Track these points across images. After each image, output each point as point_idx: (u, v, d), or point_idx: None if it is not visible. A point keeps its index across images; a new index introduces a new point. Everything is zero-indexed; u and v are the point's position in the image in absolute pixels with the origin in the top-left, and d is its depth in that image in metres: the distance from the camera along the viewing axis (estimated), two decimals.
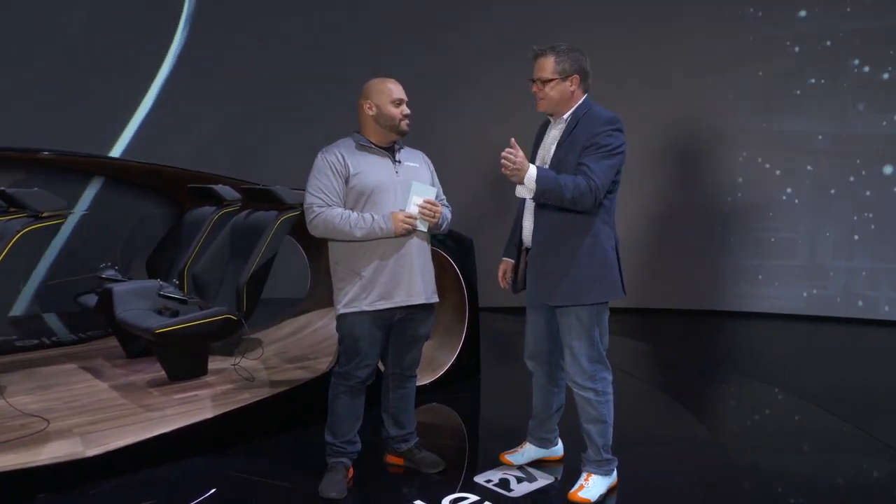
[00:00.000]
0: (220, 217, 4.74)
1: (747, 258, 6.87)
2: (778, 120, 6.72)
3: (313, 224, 2.79)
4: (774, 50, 6.66)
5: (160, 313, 3.95)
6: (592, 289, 2.77)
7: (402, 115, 2.85)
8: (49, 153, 4.78)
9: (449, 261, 4.25)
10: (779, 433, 3.84)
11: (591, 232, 2.76)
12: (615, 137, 2.72)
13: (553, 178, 2.66)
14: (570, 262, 2.76)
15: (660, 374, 5.20)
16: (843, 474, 3.32)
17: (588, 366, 2.82)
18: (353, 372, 2.89)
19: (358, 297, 2.81)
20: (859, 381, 4.85)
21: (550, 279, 2.81)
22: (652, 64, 6.78)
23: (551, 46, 2.81)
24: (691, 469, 3.24)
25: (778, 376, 4.83)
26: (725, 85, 6.78)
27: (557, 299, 2.80)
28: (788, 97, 6.68)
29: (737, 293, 6.91)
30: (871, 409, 4.13)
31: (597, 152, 2.69)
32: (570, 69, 2.77)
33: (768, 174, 6.77)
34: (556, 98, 2.81)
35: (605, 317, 2.86)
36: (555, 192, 2.65)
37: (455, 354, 4.37)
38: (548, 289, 2.82)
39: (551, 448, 3.25)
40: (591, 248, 2.76)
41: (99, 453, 2.97)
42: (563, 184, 2.65)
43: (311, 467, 3.09)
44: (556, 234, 2.78)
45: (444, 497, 2.90)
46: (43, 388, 3.85)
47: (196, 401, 3.61)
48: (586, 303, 2.77)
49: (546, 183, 2.64)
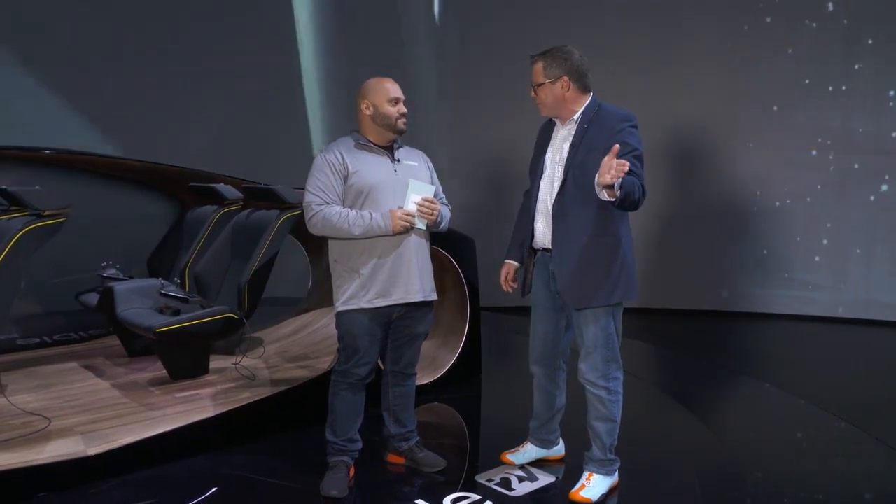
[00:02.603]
0: (221, 216, 4.74)
1: (756, 258, 6.79)
2: (789, 115, 6.59)
3: (312, 222, 2.79)
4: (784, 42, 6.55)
5: (161, 312, 3.95)
6: (615, 290, 2.77)
7: (398, 113, 2.85)
8: (50, 151, 4.79)
9: (450, 260, 4.25)
10: (782, 435, 3.83)
11: (614, 233, 2.76)
12: (633, 135, 2.70)
13: (630, 181, 2.58)
14: (592, 265, 2.75)
15: (662, 374, 5.19)
16: (847, 478, 3.30)
17: (603, 365, 2.83)
18: (353, 370, 2.89)
19: (356, 294, 2.82)
20: (867, 383, 4.82)
21: (574, 282, 2.78)
22: (656, 57, 6.71)
23: (542, 51, 2.82)
24: (692, 470, 3.24)
25: (783, 378, 4.80)
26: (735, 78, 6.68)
27: (582, 302, 2.79)
28: (798, 91, 6.54)
29: (744, 294, 6.85)
30: (877, 413, 4.11)
31: (629, 153, 2.65)
32: (559, 71, 2.76)
33: (780, 171, 6.65)
34: (551, 101, 2.81)
35: (620, 316, 2.87)
36: (632, 196, 2.60)
37: (456, 354, 4.37)
38: (571, 291, 2.80)
39: (553, 448, 3.25)
40: (614, 250, 2.76)
41: (100, 452, 2.97)
42: (635, 186, 2.60)
43: (312, 466, 3.09)
44: (577, 237, 2.76)
45: (445, 496, 2.90)
46: (44, 386, 3.85)
47: (197, 399, 3.61)
48: (609, 304, 2.78)
49: (628, 185, 2.57)
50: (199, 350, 4.00)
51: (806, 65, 6.51)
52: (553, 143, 2.90)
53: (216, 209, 4.83)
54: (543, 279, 2.95)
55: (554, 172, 2.84)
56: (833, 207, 6.59)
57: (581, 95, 2.81)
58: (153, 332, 3.63)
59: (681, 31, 6.72)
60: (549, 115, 2.90)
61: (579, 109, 2.80)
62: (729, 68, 6.67)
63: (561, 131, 2.88)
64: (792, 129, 6.61)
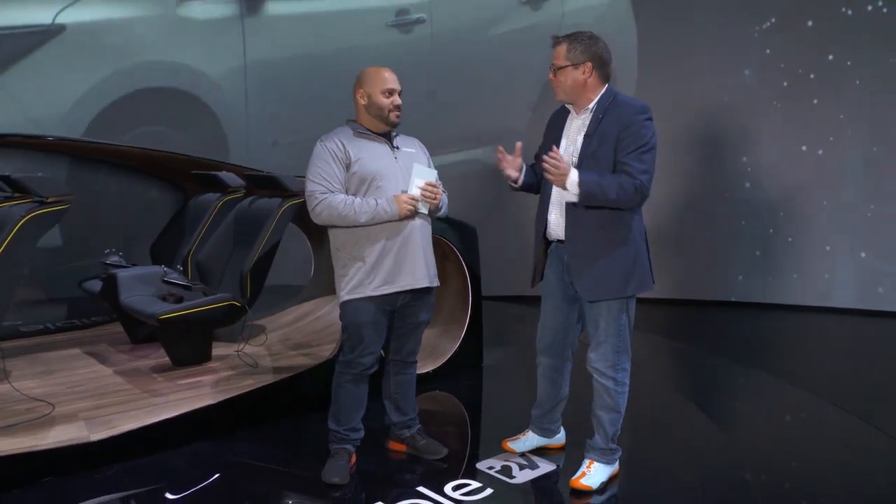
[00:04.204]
0: (224, 204, 4.74)
1: (765, 248, 6.72)
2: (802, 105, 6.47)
3: (316, 211, 2.77)
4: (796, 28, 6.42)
5: (164, 299, 3.96)
6: (629, 282, 2.76)
7: (392, 105, 2.83)
8: (54, 138, 4.79)
9: (452, 249, 4.25)
10: (786, 427, 3.83)
11: (627, 225, 2.75)
12: (648, 127, 2.68)
13: (596, 182, 2.62)
14: (607, 257, 2.74)
15: (665, 364, 5.19)
16: (851, 469, 3.29)
17: (613, 355, 2.82)
18: (358, 360, 2.89)
19: (362, 282, 2.81)
20: (874, 375, 4.79)
21: (587, 274, 2.78)
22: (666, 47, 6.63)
23: (568, 34, 2.78)
24: (694, 461, 3.25)
25: (789, 369, 4.79)
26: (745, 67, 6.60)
27: (595, 294, 2.79)
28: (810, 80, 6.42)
29: (753, 284, 6.78)
30: (883, 405, 4.09)
31: (636, 149, 2.65)
32: (583, 56, 2.72)
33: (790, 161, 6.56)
34: (569, 86, 2.76)
35: (633, 308, 2.86)
36: (599, 196, 2.63)
37: (458, 342, 4.37)
38: (586, 284, 2.79)
39: (554, 437, 3.26)
40: (627, 241, 2.75)
41: (103, 438, 2.99)
42: (606, 186, 2.62)
43: (314, 453, 3.10)
44: (590, 229, 2.75)
45: (446, 483, 2.91)
46: (48, 372, 3.87)
47: (200, 386, 3.63)
48: (623, 296, 2.77)
49: (590, 187, 2.61)
50: (201, 337, 4.01)
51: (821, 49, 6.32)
52: (567, 133, 2.86)
53: (219, 197, 4.83)
54: (557, 271, 2.93)
55: (569, 163, 2.82)
56: (845, 199, 6.47)
57: (600, 84, 2.77)
58: (156, 319, 3.64)
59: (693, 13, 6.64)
60: (564, 101, 2.84)
61: (595, 98, 2.77)
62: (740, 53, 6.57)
63: (576, 121, 2.83)
64: (801, 122, 6.54)
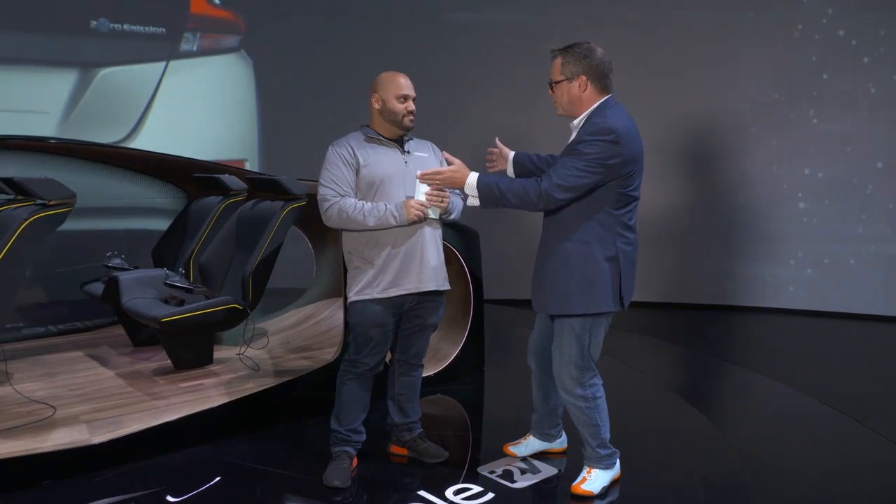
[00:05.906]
0: (226, 207, 4.74)
1: (762, 252, 6.73)
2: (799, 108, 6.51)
3: (328, 214, 2.82)
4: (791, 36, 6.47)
5: (166, 302, 3.96)
6: (579, 300, 2.69)
7: (406, 111, 2.87)
8: (56, 141, 4.79)
9: (454, 253, 4.25)
10: (783, 428, 3.82)
11: (582, 240, 2.67)
12: (596, 146, 2.57)
13: (494, 185, 2.64)
14: (558, 271, 2.72)
15: (664, 367, 5.19)
16: (847, 471, 3.29)
17: (577, 373, 2.79)
18: (362, 359, 2.93)
19: (370, 284, 2.85)
20: (868, 377, 4.81)
21: (536, 285, 2.83)
22: (660, 53, 6.67)
23: (563, 47, 2.74)
24: (693, 462, 3.25)
25: (788, 373, 4.78)
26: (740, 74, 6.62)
27: (546, 308, 2.82)
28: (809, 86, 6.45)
29: (750, 288, 6.80)
30: (880, 408, 4.09)
31: (569, 160, 2.62)
32: (576, 70, 2.68)
33: (786, 168, 6.59)
34: (565, 100, 2.73)
35: (600, 328, 2.78)
36: (500, 199, 2.64)
37: (460, 346, 4.37)
38: (534, 295, 2.85)
39: (555, 441, 3.26)
40: (582, 257, 2.68)
41: (104, 440, 2.99)
42: (505, 190, 2.64)
43: (315, 456, 3.11)
44: (547, 242, 2.78)
45: (447, 488, 2.91)
46: (49, 375, 3.87)
47: (201, 389, 3.63)
48: (571, 313, 2.72)
49: (486, 191, 2.64)
50: (203, 340, 4.02)
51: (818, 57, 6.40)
52: None
53: (221, 200, 4.83)
54: None
55: None
56: (850, 202, 6.46)
57: (597, 96, 2.71)
58: (158, 322, 3.64)
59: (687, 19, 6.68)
60: (563, 115, 2.80)
61: (585, 112, 2.71)
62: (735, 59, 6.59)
63: (572, 134, 2.79)
64: (797, 128, 6.56)
